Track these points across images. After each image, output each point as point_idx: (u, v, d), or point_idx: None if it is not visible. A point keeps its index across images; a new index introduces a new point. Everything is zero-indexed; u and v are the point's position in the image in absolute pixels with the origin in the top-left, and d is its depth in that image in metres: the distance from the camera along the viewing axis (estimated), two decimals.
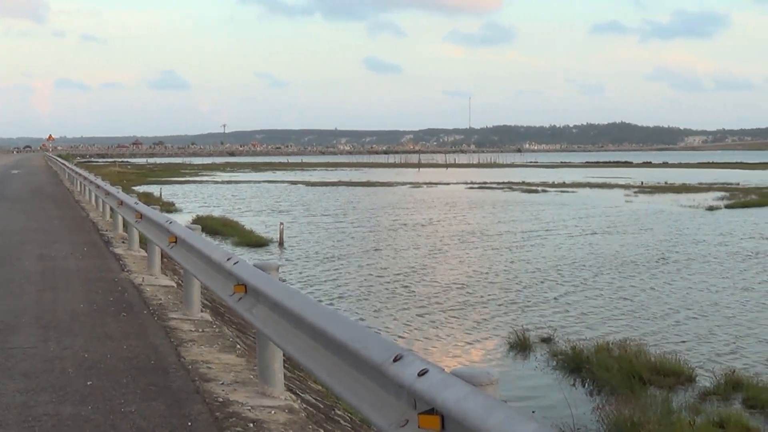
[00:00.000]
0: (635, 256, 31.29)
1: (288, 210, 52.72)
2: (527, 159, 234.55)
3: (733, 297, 23.34)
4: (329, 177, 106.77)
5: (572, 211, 51.52)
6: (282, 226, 35.60)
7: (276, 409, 7.20)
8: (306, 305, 6.43)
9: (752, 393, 13.93)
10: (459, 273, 27.62)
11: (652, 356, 15.81)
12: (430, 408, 4.31)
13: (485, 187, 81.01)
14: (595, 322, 20.25)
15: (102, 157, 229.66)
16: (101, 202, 25.61)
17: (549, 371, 16.08)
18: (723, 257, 30.81)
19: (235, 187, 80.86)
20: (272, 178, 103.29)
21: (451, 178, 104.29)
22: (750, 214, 49.23)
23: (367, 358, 5.05)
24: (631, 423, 12.02)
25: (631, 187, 76.81)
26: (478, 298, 23.32)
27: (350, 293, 23.87)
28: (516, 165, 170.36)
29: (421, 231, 40.31)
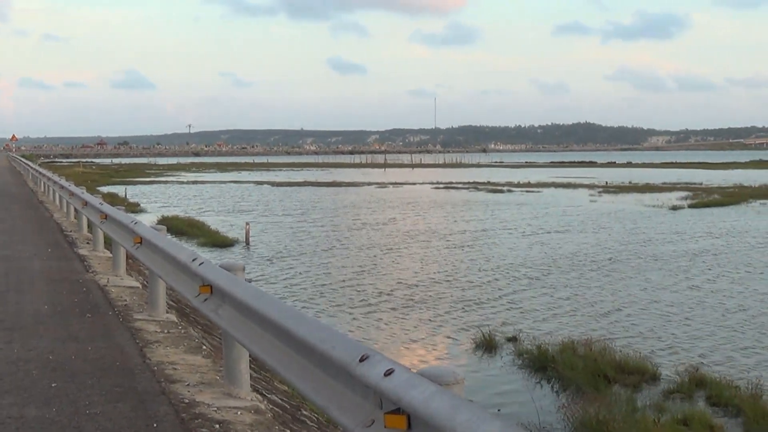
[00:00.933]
0: (587, 254, 31.57)
1: (254, 210, 52.60)
2: (492, 159, 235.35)
3: (676, 295, 23.57)
4: (295, 177, 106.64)
5: (532, 211, 51.98)
6: (248, 227, 35.50)
7: (242, 410, 7.19)
8: (272, 306, 6.42)
9: (715, 391, 14.06)
10: (411, 272, 27.85)
11: (617, 354, 15.92)
12: (396, 408, 4.32)
13: (451, 187, 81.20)
14: (539, 320, 20.47)
15: (66, 158, 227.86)
16: (65, 202, 25.45)
17: (515, 370, 16.14)
18: (673, 256, 31.12)
19: (201, 188, 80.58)
20: (238, 178, 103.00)
21: (417, 178, 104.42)
22: (711, 213, 49.68)
23: (334, 359, 5.06)
24: (596, 421, 12.10)
25: (595, 187, 77.27)
26: (425, 296, 23.51)
27: (303, 292, 23.96)
28: (481, 165, 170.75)
29: (383, 229, 40.50)
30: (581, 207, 54.84)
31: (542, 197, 64.91)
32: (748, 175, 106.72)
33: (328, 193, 71.27)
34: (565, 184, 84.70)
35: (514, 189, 75.99)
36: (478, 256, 31.45)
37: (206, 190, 75.97)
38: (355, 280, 26.01)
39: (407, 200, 62.48)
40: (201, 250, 30.86)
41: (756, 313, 21.21)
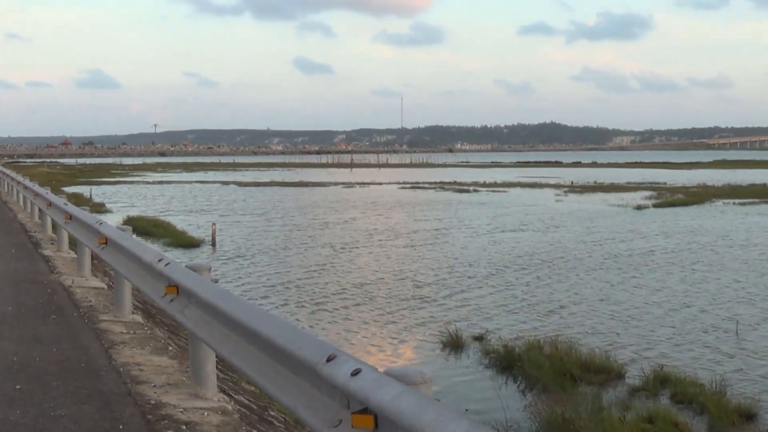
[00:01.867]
0: (539, 253, 31.91)
1: (220, 210, 52.45)
2: (459, 159, 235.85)
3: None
4: (262, 177, 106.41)
5: (493, 210, 52.42)
6: (214, 227, 35.38)
7: (209, 411, 7.17)
8: (239, 306, 6.40)
9: (680, 388, 14.18)
10: (366, 270, 28.11)
11: (583, 353, 16.01)
12: (363, 407, 4.33)
13: (417, 187, 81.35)
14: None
15: (30, 158, 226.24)
16: (29, 203, 25.25)
17: (482, 369, 16.19)
18: (625, 255, 31.45)
19: (167, 188, 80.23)
20: (204, 178, 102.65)
21: (383, 178, 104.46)
22: (675, 212, 50.13)
23: (301, 359, 5.05)
24: (562, 420, 12.16)
25: (561, 187, 77.68)
26: (375, 294, 23.75)
27: (255, 291, 24.06)
28: (448, 165, 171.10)
29: (346, 228, 40.64)
30: (544, 206, 55.14)
31: (508, 197, 65.21)
32: (712, 174, 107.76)
33: (294, 193, 71.27)
34: (531, 183, 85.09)
35: (481, 189, 76.23)
36: (432, 255, 31.77)
37: (172, 191, 75.64)
38: (312, 279, 26.21)
39: (371, 200, 62.61)
40: (167, 250, 30.72)
41: (697, 311, 21.46)
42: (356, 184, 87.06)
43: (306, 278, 26.29)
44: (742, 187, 72.67)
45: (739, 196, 62.38)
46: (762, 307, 21.91)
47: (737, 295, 23.40)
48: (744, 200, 59.09)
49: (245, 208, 54.03)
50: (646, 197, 62.55)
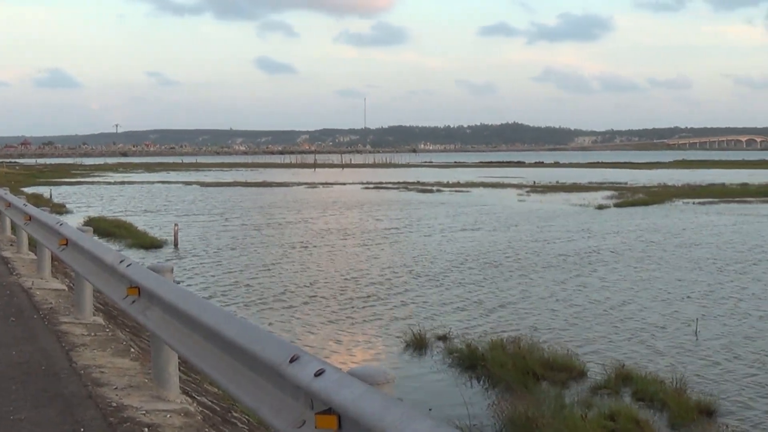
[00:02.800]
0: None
1: (183, 211, 52.21)
2: (422, 159, 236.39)
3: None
4: (225, 177, 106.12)
5: (452, 210, 52.80)
6: (176, 227, 35.19)
7: (171, 413, 7.13)
8: (201, 307, 6.38)
9: (641, 386, 14.29)
10: (317, 270, 28.32)
11: (545, 352, 16.09)
12: (327, 408, 4.32)
13: (381, 187, 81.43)
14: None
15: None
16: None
17: (445, 369, 16.22)
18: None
19: (129, 188, 79.76)
20: (166, 178, 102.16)
21: (347, 178, 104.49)
22: (635, 212, 50.59)
23: (264, 359, 5.04)
24: (525, 418, 12.21)
25: (523, 187, 78.08)
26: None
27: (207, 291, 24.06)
28: (411, 165, 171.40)
29: (308, 228, 40.64)
30: (504, 206, 55.45)
31: (471, 197, 65.47)
32: (672, 174, 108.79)
33: (257, 194, 71.14)
34: (494, 183, 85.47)
35: (444, 189, 76.46)
36: (384, 254, 32.07)
37: (134, 191, 75.19)
38: (269, 278, 26.33)
39: (333, 200, 62.73)
40: (129, 251, 30.56)
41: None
42: (319, 185, 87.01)
43: (264, 278, 26.33)
44: (701, 187, 73.40)
45: (698, 196, 63.02)
46: (702, 304, 22.19)
47: (681, 294, 23.65)
48: (703, 200, 59.68)
49: (208, 209, 53.86)
50: (607, 197, 63.03)
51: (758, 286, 24.71)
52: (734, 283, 25.33)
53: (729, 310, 21.39)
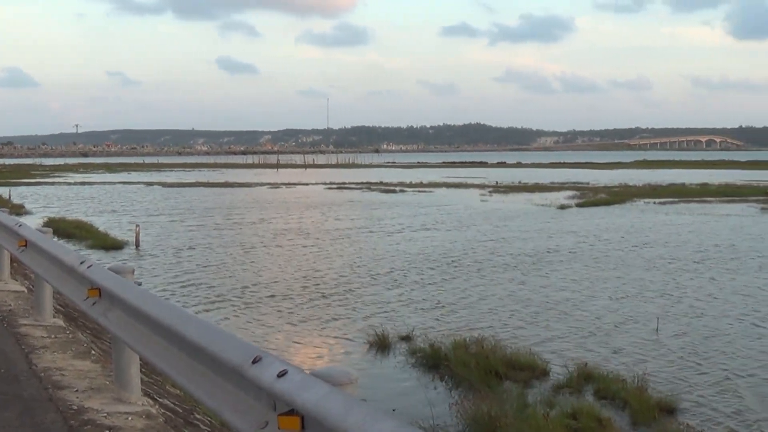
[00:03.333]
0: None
1: (144, 212, 51.92)
2: (385, 159, 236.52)
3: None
4: (186, 178, 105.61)
5: (412, 210, 53.18)
6: (138, 228, 34.98)
7: (133, 415, 7.08)
8: (162, 308, 6.34)
9: (603, 384, 14.39)
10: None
11: (508, 352, 16.16)
12: (290, 409, 4.31)
13: (344, 187, 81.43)
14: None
15: None
16: None
17: (408, 369, 16.24)
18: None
19: (89, 189, 79.15)
20: (128, 179, 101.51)
21: (310, 178, 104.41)
22: (596, 212, 51.02)
23: (226, 361, 5.02)
24: (488, 417, 12.25)
25: (486, 187, 78.40)
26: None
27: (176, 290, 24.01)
28: (374, 165, 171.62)
29: (264, 228, 40.81)
30: (466, 206, 55.72)
31: (433, 197, 65.65)
32: (633, 174, 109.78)
33: (219, 194, 70.95)
34: (457, 184, 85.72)
35: (407, 189, 76.60)
36: (344, 253, 32.40)
37: (95, 192, 74.65)
38: (229, 279, 26.41)
39: (295, 200, 62.89)
40: (89, 252, 30.34)
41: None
42: (282, 185, 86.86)
43: (224, 278, 26.44)
44: (662, 187, 74.11)
45: (659, 196, 63.63)
46: (661, 302, 22.41)
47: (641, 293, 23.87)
48: (664, 200, 60.25)
49: (170, 209, 53.60)
50: (569, 197, 63.45)
51: (715, 285, 24.95)
52: (693, 281, 25.58)
53: (688, 308, 21.61)
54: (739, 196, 64.42)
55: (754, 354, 17.14)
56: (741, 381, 15.29)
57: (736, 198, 62.42)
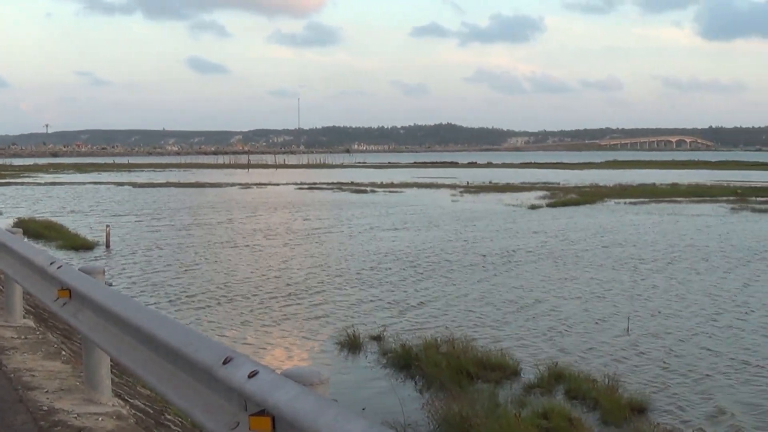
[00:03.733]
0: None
1: (115, 212, 51.65)
2: (356, 159, 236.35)
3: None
4: (157, 178, 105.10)
5: (380, 210, 53.23)
6: (108, 229, 34.80)
7: (104, 416, 7.06)
8: (133, 309, 6.33)
9: (573, 384, 14.45)
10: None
11: (479, 351, 16.20)
12: (261, 409, 4.31)
13: (315, 187, 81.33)
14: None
15: None
16: None
17: (379, 369, 16.25)
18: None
19: (60, 189, 78.60)
20: (98, 179, 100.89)
21: (281, 178, 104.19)
22: (565, 212, 51.25)
23: (197, 361, 5.02)
24: (459, 417, 12.28)
25: (457, 187, 78.52)
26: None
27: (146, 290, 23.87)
28: (345, 165, 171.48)
29: (239, 227, 40.60)
30: (436, 206, 55.82)
31: (404, 197, 65.67)
32: (603, 175, 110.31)
33: (190, 194, 70.70)
34: (428, 184, 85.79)
35: (378, 189, 76.58)
36: (306, 254, 32.52)
37: (65, 192, 74.14)
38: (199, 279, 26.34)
39: (266, 201, 62.75)
40: (60, 253, 30.18)
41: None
42: (253, 185, 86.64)
43: (193, 278, 26.32)
44: (632, 187, 74.54)
45: (629, 196, 63.99)
46: (632, 302, 22.56)
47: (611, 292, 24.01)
48: (634, 200, 60.60)
49: (140, 210, 53.34)
50: (540, 197, 63.67)
51: (685, 286, 25.11)
52: (663, 281, 25.71)
53: (659, 308, 21.71)
54: (709, 196, 64.88)
55: (724, 353, 17.27)
56: (712, 380, 15.40)
57: (706, 198, 62.85)
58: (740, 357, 17.00)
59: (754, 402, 14.19)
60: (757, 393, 14.68)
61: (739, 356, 17.05)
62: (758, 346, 17.88)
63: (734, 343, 18.13)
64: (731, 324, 19.99)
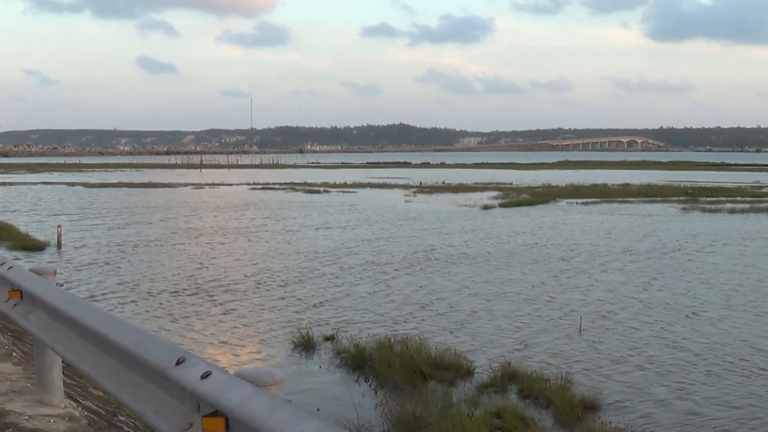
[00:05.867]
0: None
1: (66, 212, 51.17)
2: (309, 160, 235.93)
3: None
4: (109, 178, 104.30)
5: (328, 209, 53.89)
6: (60, 229, 34.47)
7: (56, 418, 7.01)
8: (85, 310, 6.29)
9: (526, 384, 14.55)
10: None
11: (433, 351, 16.25)
12: (214, 410, 4.31)
13: (268, 187, 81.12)
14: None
15: None
16: None
17: (333, 369, 16.26)
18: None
19: (9, 190, 77.70)
20: (49, 179, 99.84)
21: (234, 179, 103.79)
22: (520, 212, 51.57)
23: (149, 362, 5.00)
24: (413, 417, 12.32)
25: (410, 187, 78.65)
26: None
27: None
28: (298, 166, 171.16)
29: (191, 227, 40.50)
30: (388, 207, 55.86)
31: (357, 198, 65.69)
32: (556, 175, 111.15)
33: (142, 195, 70.26)
34: (381, 184, 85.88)
35: (331, 190, 76.55)
36: (257, 252, 32.99)
37: (15, 192, 73.32)
38: (152, 279, 26.21)
39: (217, 201, 62.75)
40: (10, 254, 29.83)
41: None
42: (206, 185, 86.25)
43: (147, 278, 26.24)
44: (584, 187, 75.09)
45: (582, 196, 64.51)
46: (584, 301, 22.74)
47: (564, 291, 24.21)
48: (587, 200, 61.10)
49: (92, 210, 52.91)
50: (493, 197, 63.98)
51: (639, 285, 25.38)
52: (617, 281, 25.96)
53: (612, 308, 21.93)
54: (660, 196, 65.63)
55: (675, 352, 17.47)
56: (662, 378, 15.58)
57: (657, 198, 63.57)
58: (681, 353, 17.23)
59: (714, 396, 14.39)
60: (709, 388, 14.88)
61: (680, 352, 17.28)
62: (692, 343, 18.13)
63: (685, 342, 18.34)
64: (682, 322, 20.21)
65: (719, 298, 23.41)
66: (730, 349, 17.68)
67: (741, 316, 21.07)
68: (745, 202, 59.73)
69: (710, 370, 16.09)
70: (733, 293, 24.06)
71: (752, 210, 52.00)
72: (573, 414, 13.18)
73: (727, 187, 77.94)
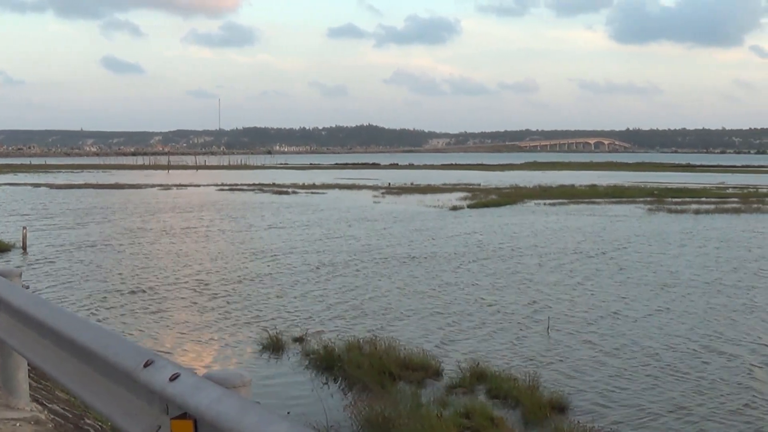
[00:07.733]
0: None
1: (32, 214, 50.78)
2: (278, 161, 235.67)
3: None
4: (75, 179, 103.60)
5: (298, 209, 53.27)
6: (25, 231, 34.19)
7: (21, 421, 6.94)
8: (51, 312, 6.23)
9: (495, 384, 14.57)
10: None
11: (402, 352, 16.25)
12: (182, 413, 4.28)
13: (236, 188, 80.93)
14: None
15: None
16: None
17: (302, 370, 16.22)
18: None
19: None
20: (14, 180, 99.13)
21: (202, 180, 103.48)
22: (488, 212, 51.74)
23: (117, 365, 4.96)
24: (382, 418, 12.32)
25: (379, 188, 78.75)
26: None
27: None
28: (267, 167, 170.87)
29: (157, 230, 40.22)
30: (357, 207, 55.84)
31: (326, 198, 65.71)
32: (523, 176, 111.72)
33: (108, 196, 69.87)
34: (350, 185, 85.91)
35: (299, 191, 76.47)
36: (227, 253, 32.95)
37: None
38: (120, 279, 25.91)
39: (185, 202, 62.45)
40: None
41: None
42: (173, 186, 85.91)
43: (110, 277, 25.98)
44: (552, 188, 75.51)
45: (549, 197, 64.87)
46: (551, 301, 22.82)
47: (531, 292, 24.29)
48: (554, 200, 61.43)
49: (59, 212, 52.52)
50: (461, 198, 64.15)
51: (607, 286, 25.50)
52: (585, 282, 26.09)
53: (579, 309, 21.99)
54: (626, 197, 66.07)
55: (643, 351, 17.56)
56: (631, 378, 15.65)
57: (623, 199, 63.98)
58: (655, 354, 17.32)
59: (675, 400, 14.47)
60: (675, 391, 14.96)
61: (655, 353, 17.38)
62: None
63: (653, 342, 18.44)
64: (650, 323, 20.32)
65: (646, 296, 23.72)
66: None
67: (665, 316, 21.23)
68: (710, 202, 60.21)
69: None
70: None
71: (717, 210, 52.43)
72: (542, 414, 13.19)
73: (693, 188, 78.64)
